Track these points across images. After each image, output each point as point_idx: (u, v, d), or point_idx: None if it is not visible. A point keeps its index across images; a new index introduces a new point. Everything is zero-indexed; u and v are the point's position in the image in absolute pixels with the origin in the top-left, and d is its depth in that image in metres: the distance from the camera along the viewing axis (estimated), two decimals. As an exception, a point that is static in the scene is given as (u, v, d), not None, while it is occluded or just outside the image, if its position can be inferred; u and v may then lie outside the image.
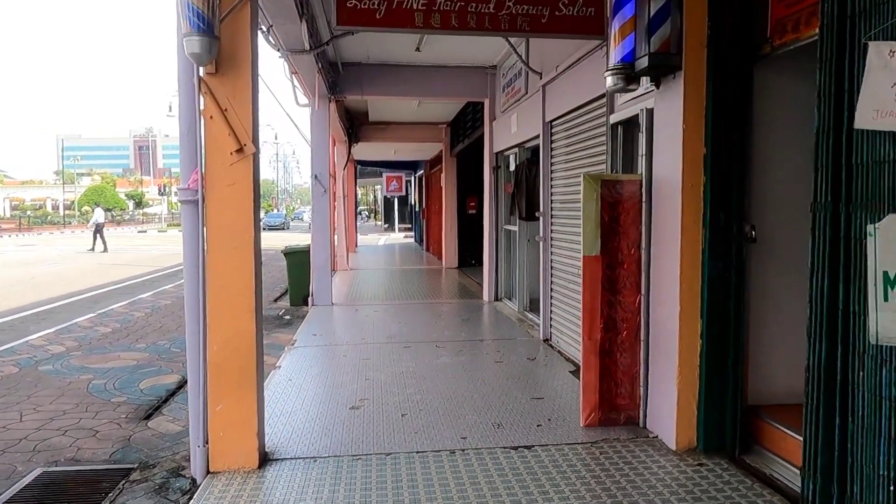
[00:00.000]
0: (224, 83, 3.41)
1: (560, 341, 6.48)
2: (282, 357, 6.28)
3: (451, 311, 8.93)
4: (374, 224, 50.48)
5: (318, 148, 9.48)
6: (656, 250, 3.96)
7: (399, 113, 13.94)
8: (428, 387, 5.13)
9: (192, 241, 3.46)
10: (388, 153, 19.31)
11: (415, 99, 10.19)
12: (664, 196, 3.85)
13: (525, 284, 8.63)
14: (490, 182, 9.73)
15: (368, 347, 6.61)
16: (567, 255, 6.26)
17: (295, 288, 10.19)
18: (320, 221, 9.52)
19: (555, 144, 6.64)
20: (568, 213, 6.25)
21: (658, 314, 3.96)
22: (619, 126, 4.86)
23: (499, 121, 9.31)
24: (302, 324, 8.03)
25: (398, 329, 7.57)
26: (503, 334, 7.27)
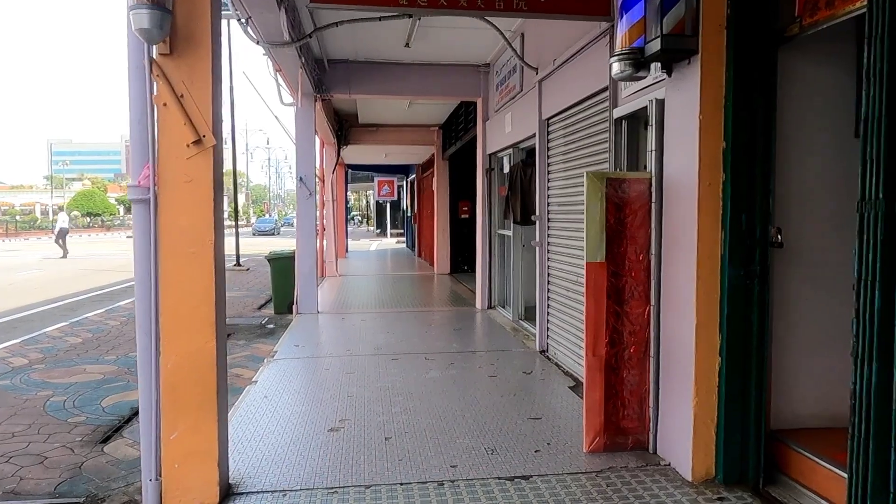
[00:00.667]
0: (180, 66, 2.99)
1: (557, 353, 6.07)
2: (259, 371, 5.84)
3: (442, 319, 8.51)
4: (367, 229, 50.03)
5: (303, 149, 9.06)
6: (668, 256, 3.56)
7: (389, 114, 13.55)
8: (415, 405, 4.71)
9: (143, 246, 3.03)
10: (380, 157, 18.90)
11: (405, 99, 9.80)
12: (678, 196, 3.45)
13: (520, 292, 8.23)
14: (483, 185, 9.33)
15: (353, 360, 6.18)
16: (565, 261, 5.86)
17: (279, 295, 9.74)
18: (305, 226, 9.09)
19: (552, 143, 6.25)
20: (566, 216, 5.85)
21: (670, 327, 3.56)
22: (624, 121, 4.47)
23: (492, 121, 8.93)
24: (284, 333, 7.59)
25: (386, 339, 7.14)
26: (497, 345, 6.85)
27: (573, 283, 5.64)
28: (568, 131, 5.70)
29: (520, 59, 6.76)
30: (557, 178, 6.08)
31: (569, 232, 5.78)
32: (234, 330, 8.45)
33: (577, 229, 5.55)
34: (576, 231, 5.58)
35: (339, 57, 8.87)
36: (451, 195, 15.12)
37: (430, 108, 12.71)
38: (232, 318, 9.41)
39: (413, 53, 8.57)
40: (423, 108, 12.51)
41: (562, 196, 5.95)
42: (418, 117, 13.79)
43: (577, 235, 5.52)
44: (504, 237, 9.07)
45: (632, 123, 4.47)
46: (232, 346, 7.45)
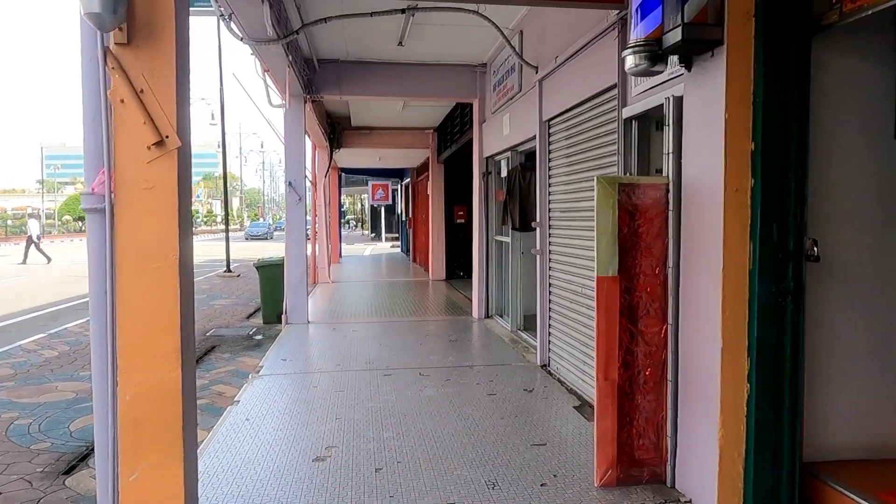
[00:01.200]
0: (139, 57, 2.63)
1: (560, 368, 5.72)
2: (243, 389, 5.47)
3: (437, 330, 8.16)
4: (362, 233, 49.63)
5: (292, 152, 8.70)
6: (688, 270, 3.22)
7: (383, 117, 13.20)
8: (409, 428, 4.35)
9: (97, 262, 2.67)
10: (373, 160, 18.55)
11: (398, 100, 9.47)
12: (699, 203, 3.11)
13: (519, 301, 7.89)
14: (480, 189, 8.99)
15: (343, 376, 5.82)
16: (568, 270, 5.52)
17: (268, 304, 9.37)
18: (295, 232, 8.72)
19: (553, 146, 5.91)
20: (569, 223, 5.51)
21: (691, 348, 3.21)
22: (634, 121, 4.14)
23: (489, 123, 8.59)
24: (272, 346, 7.22)
25: (378, 352, 6.78)
26: (495, 359, 6.50)
27: (577, 295, 5.30)
28: (571, 133, 5.36)
29: (519, 56, 6.43)
30: (559, 183, 5.74)
31: (572, 240, 5.44)
32: (220, 342, 8.08)
33: (581, 237, 5.21)
34: (580, 239, 5.24)
35: (330, 56, 8.52)
36: (447, 199, 14.78)
37: (425, 111, 12.38)
38: (218, 328, 9.04)
39: (407, 53, 8.23)
40: (417, 110, 12.18)
41: (564, 202, 5.61)
42: (412, 120, 13.45)
43: (582, 244, 5.19)
44: (502, 244, 8.73)
45: (643, 124, 4.14)
46: (216, 359, 7.08)
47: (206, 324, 9.41)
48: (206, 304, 11.57)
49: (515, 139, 7.21)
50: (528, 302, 8.07)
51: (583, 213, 5.13)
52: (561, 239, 5.74)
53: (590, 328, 5.00)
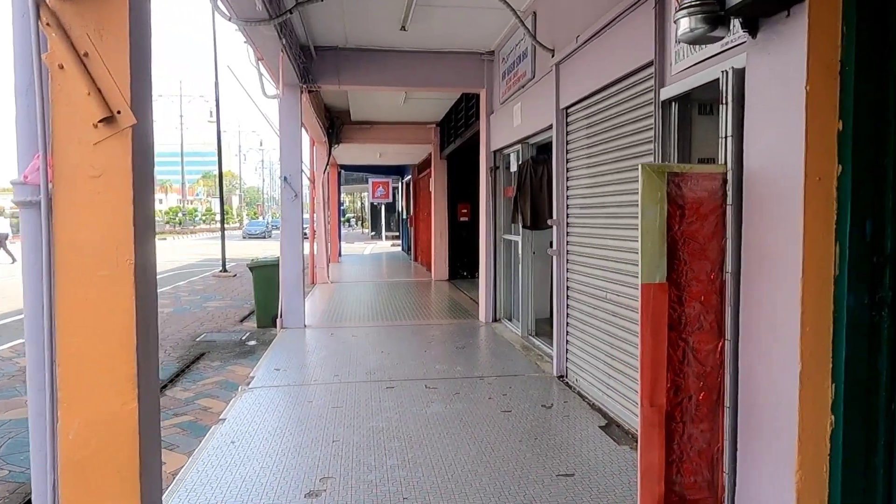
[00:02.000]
0: (83, 13, 2.10)
1: (580, 380, 5.20)
2: (231, 403, 4.95)
3: (443, 335, 7.63)
4: (362, 232, 49.08)
5: (287, 146, 8.17)
6: (752, 276, 2.69)
7: (384, 111, 12.68)
8: (415, 454, 3.83)
9: (33, 267, 2.14)
10: (374, 157, 18.01)
11: (400, 90, 8.94)
12: (768, 195, 2.58)
13: (530, 304, 7.37)
14: (487, 185, 8.47)
15: (342, 388, 5.30)
16: (590, 272, 5.00)
17: (262, 307, 8.85)
18: (291, 230, 8.20)
19: (572, 136, 5.38)
20: (590, 220, 4.99)
21: (755, 370, 2.69)
22: (673, 104, 3.61)
23: (497, 114, 8.06)
24: (265, 353, 6.69)
25: (380, 360, 6.26)
26: (507, 368, 5.97)
27: (600, 300, 4.78)
28: (594, 121, 4.83)
29: (532, 38, 5.89)
30: (579, 177, 5.21)
31: (594, 239, 4.92)
32: (210, 348, 7.55)
33: (605, 236, 4.69)
34: (603, 238, 4.72)
35: (328, 43, 8.00)
36: (450, 197, 14.26)
37: (428, 104, 11.85)
38: (210, 332, 8.52)
39: (409, 39, 7.71)
40: (419, 103, 11.65)
41: (585, 197, 5.09)
42: (414, 114, 12.92)
43: (606, 243, 4.66)
44: (510, 243, 8.21)
45: (683, 107, 3.61)
46: (205, 368, 6.56)
47: (198, 327, 8.88)
48: (199, 306, 11.05)
49: (527, 130, 6.68)
50: (539, 305, 7.56)
51: (608, 210, 4.61)
52: (581, 238, 5.21)
53: (616, 337, 4.49)
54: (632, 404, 4.24)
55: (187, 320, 9.48)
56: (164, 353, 7.21)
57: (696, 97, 3.59)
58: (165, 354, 7.17)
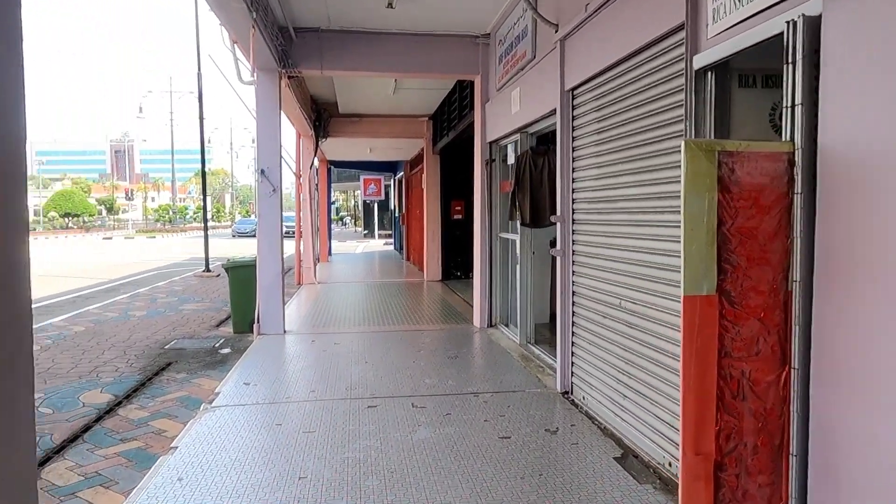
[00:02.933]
0: None
1: (588, 399, 4.57)
2: (188, 426, 4.29)
3: (433, 342, 6.99)
4: (355, 230, 48.38)
5: (265, 135, 7.51)
6: (829, 285, 2.06)
7: (373, 103, 12.02)
8: (396, 496, 3.19)
9: None
10: (364, 152, 17.36)
11: (389, 76, 8.28)
12: (853, 180, 1.95)
13: (529, 309, 6.74)
14: (483, 179, 7.82)
15: (317, 408, 4.66)
16: (600, 276, 4.37)
17: (239, 312, 8.18)
18: (268, 228, 7.53)
19: (579, 121, 4.75)
20: (600, 215, 4.36)
21: (832, 408, 2.06)
22: (710, 74, 2.98)
23: (493, 102, 7.42)
24: (237, 363, 6.04)
25: (363, 373, 5.62)
26: (505, 383, 5.33)
27: (613, 308, 4.15)
28: (605, 102, 4.20)
29: (534, 10, 5.24)
30: (588, 167, 4.58)
31: (605, 237, 4.29)
32: (179, 356, 6.89)
33: (619, 234, 4.06)
34: (616, 237, 4.09)
35: (309, 24, 7.34)
36: (443, 193, 13.62)
37: (419, 95, 11.20)
38: (181, 339, 7.85)
39: (397, 20, 7.07)
40: (410, 94, 11.00)
41: (595, 190, 4.45)
42: (405, 105, 12.27)
43: (620, 243, 4.03)
44: (508, 242, 7.58)
45: (722, 77, 2.98)
46: (168, 381, 5.90)
47: (169, 333, 8.21)
48: (175, 308, 10.37)
49: (527, 118, 6.04)
50: (539, 309, 6.94)
51: (623, 204, 3.98)
52: (589, 236, 4.58)
53: (632, 352, 3.86)
54: (652, 431, 3.62)
55: (159, 325, 8.81)
56: (125, 364, 6.55)
57: (735, 66, 2.97)
58: (127, 365, 6.50)
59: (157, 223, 66.57)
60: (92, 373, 6.19)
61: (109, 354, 7.00)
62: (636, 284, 3.80)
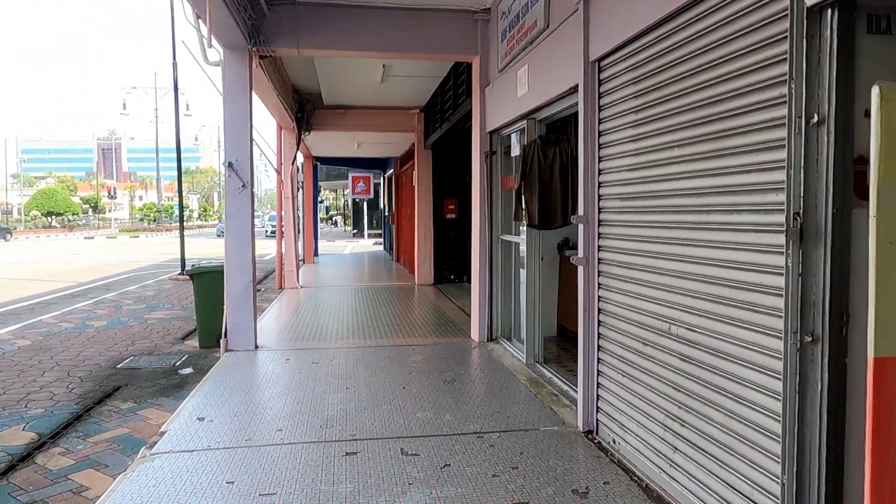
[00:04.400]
0: None
1: (620, 443, 3.67)
2: (111, 488, 3.35)
3: (427, 361, 6.07)
4: (345, 230, 47.32)
5: (234, 122, 6.56)
6: None
7: (360, 93, 11.06)
8: None
9: None
10: (351, 148, 16.36)
11: (375, 55, 7.32)
12: None
13: (536, 322, 5.84)
14: (482, 174, 6.91)
15: (283, 455, 3.73)
16: (637, 291, 3.47)
17: (206, 324, 7.23)
18: (237, 229, 6.58)
19: (608, 99, 3.84)
20: (638, 216, 3.46)
21: None
22: (830, 11, 2.08)
23: (495, 86, 6.51)
24: (195, 390, 5.10)
25: (343, 403, 4.70)
26: (514, 418, 4.42)
27: (658, 333, 3.25)
28: (650, 70, 3.29)
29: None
30: (620, 155, 3.68)
31: (645, 243, 3.39)
32: (131, 378, 5.93)
33: (666, 239, 3.16)
34: (664, 242, 3.19)
35: (283, -5, 6.40)
36: (435, 191, 12.70)
37: (409, 84, 10.25)
38: (138, 355, 6.88)
39: (385, -11, 6.15)
40: (400, 83, 10.06)
41: (631, 183, 3.55)
42: (394, 96, 11.33)
43: (669, 251, 3.13)
44: (511, 245, 6.68)
45: (845, 20, 2.08)
46: (110, 412, 4.94)
47: (126, 348, 7.25)
48: (140, 317, 9.38)
49: (536, 100, 5.14)
50: (546, 322, 6.05)
51: (673, 201, 3.08)
52: (623, 241, 3.67)
53: (689, 393, 2.96)
54: (718, 501, 2.72)
55: (117, 338, 7.83)
56: (64, 389, 5.58)
57: (866, 2, 2.07)
58: (66, 390, 5.54)
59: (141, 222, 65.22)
60: (21, 402, 5.22)
61: (50, 376, 6.02)
62: (695, 306, 2.90)
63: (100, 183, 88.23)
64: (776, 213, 2.35)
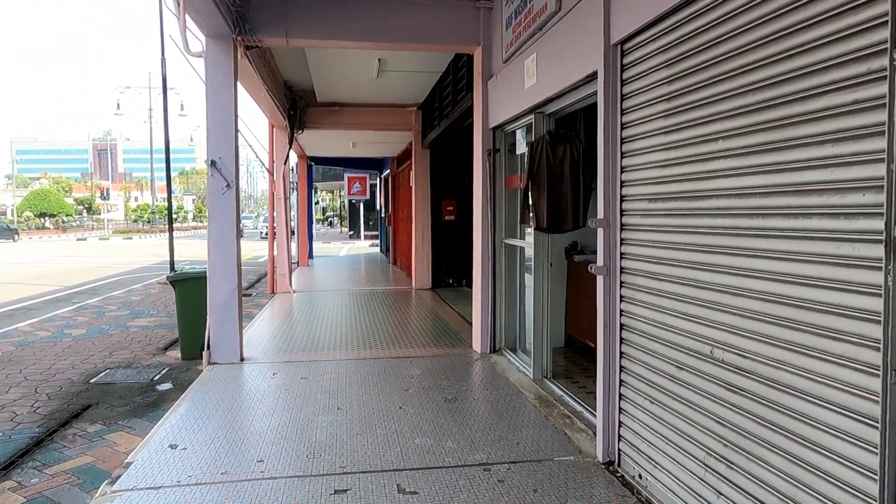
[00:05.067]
0: None
1: (649, 479, 3.20)
2: (63, 533, 2.88)
3: (425, 375, 5.60)
4: (341, 231, 46.79)
5: (217, 117, 6.08)
6: None
7: (355, 90, 10.58)
8: None
9: None
10: (347, 147, 15.88)
11: (369, 46, 6.83)
12: None
13: (545, 335, 5.39)
14: (485, 173, 6.44)
15: (261, 495, 3.26)
16: (670, 306, 3.00)
17: (188, 333, 6.73)
18: (221, 233, 6.10)
19: (633, 86, 3.38)
20: (671, 219, 3.00)
21: None
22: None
23: (498, 78, 6.04)
24: (171, 409, 4.62)
25: (333, 427, 4.23)
26: (524, 445, 3.95)
27: (696, 356, 2.79)
28: (689, 49, 2.83)
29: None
30: (648, 150, 3.22)
31: (680, 251, 2.93)
32: (104, 395, 5.44)
33: (705, 247, 2.70)
34: (702, 251, 2.73)
35: (270, -20, 5.93)
36: (433, 192, 12.24)
37: (406, 80, 9.78)
38: (114, 368, 6.39)
39: (381, -27, 5.68)
40: (396, 78, 9.59)
41: (662, 182, 3.09)
42: (391, 93, 10.85)
43: (708, 261, 2.68)
44: (515, 249, 6.22)
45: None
46: (74, 437, 4.46)
47: (103, 360, 6.76)
48: (122, 325, 8.89)
49: (546, 92, 4.67)
50: (554, 330, 5.60)
51: (718, 203, 2.62)
52: (651, 249, 3.21)
53: (736, 429, 2.50)
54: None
55: (95, 348, 7.34)
56: (28, 408, 5.10)
57: None
58: (31, 410, 5.05)
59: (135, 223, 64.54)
60: (-22, 424, 4.74)
61: (15, 393, 5.53)
62: (747, 328, 2.44)
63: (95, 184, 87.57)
64: (860, 219, 1.89)
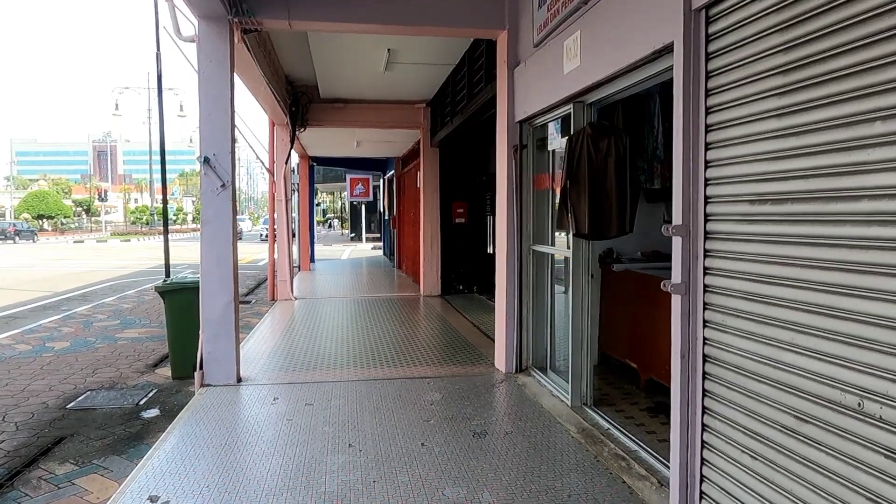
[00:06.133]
0: None
1: (749, 555, 2.52)
2: None
3: (446, 402, 4.92)
4: (341, 233, 46.11)
5: (211, 108, 5.40)
6: None
7: (360, 83, 9.91)
8: None
9: None
10: (350, 147, 15.20)
11: (380, 31, 6.13)
12: None
13: (585, 355, 4.71)
14: (511, 172, 5.76)
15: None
16: (785, 340, 2.33)
17: (179, 350, 6.06)
18: (215, 237, 5.43)
19: (724, 61, 2.70)
20: (789, 227, 2.33)
21: None
22: None
23: (528, 65, 5.37)
24: (155, 446, 3.95)
25: (345, 471, 3.55)
26: (576, 499, 3.27)
27: (829, 406, 2.11)
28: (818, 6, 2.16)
29: None
30: (747, 140, 2.54)
31: (794, 268, 2.25)
32: (80, 425, 4.76)
33: (831, 264, 2.03)
34: (843, 270, 2.06)
35: (271, -46, 5.27)
36: (443, 193, 11.58)
37: (416, 73, 9.11)
38: (95, 391, 5.71)
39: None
40: (406, 71, 8.91)
41: (768, 179, 2.41)
42: (399, 88, 10.18)
43: (852, 282, 2.00)
44: (545, 256, 5.55)
45: None
46: (39, 480, 3.78)
47: (85, 379, 6.08)
48: (110, 337, 8.21)
49: (595, 75, 3.99)
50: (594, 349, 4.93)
51: (867, 208, 1.95)
52: (751, 264, 2.53)
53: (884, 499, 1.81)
54: None
55: (77, 365, 6.66)
56: (-9, 442, 4.42)
57: None
58: (-7, 444, 4.38)
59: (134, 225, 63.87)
60: (-71, 463, 4.06)
61: (-20, 421, 4.87)
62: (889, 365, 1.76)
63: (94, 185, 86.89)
64: None
